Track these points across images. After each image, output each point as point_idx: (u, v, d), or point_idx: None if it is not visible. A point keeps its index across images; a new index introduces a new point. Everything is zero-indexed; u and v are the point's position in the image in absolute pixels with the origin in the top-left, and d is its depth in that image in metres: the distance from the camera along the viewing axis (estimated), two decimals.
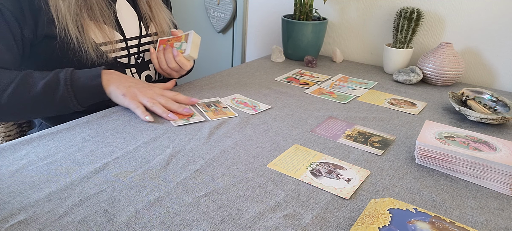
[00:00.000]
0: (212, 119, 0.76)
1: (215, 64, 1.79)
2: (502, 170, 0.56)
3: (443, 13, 1.12)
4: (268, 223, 0.47)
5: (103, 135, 0.67)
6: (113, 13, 0.82)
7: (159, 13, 0.93)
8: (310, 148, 0.67)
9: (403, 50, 1.11)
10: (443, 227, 0.43)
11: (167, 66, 0.87)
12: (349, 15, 1.29)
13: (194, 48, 0.85)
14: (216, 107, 0.81)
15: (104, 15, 0.80)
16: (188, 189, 0.53)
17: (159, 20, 0.93)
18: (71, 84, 0.71)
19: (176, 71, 0.88)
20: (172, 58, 0.85)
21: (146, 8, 0.90)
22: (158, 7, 0.93)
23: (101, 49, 0.79)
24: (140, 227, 0.46)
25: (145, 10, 0.90)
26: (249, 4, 1.54)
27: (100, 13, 0.79)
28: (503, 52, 1.06)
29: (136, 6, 0.89)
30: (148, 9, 0.91)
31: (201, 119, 0.75)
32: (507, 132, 0.78)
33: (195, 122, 0.74)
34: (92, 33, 0.78)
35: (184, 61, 0.86)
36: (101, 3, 0.80)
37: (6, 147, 0.62)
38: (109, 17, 0.81)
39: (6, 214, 0.47)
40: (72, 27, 0.75)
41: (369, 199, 0.53)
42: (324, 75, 1.11)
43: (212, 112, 0.78)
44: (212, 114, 0.78)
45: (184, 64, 0.86)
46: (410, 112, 0.85)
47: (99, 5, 0.79)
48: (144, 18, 0.90)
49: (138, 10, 0.89)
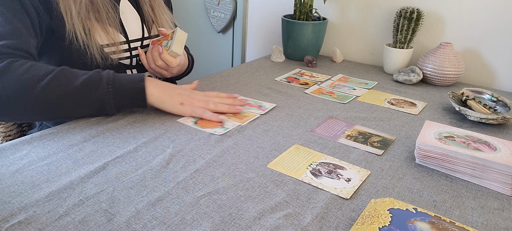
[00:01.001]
0: (243, 123, 0.75)
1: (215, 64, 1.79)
2: (502, 170, 0.56)
3: (443, 13, 1.12)
4: (268, 223, 0.47)
5: (103, 135, 0.67)
6: (117, 16, 0.83)
7: (161, 16, 0.93)
8: (310, 148, 0.67)
9: (403, 50, 1.11)
10: (443, 227, 0.43)
11: (155, 64, 0.87)
12: (349, 15, 1.29)
13: (177, 44, 0.85)
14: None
15: (109, 18, 0.80)
16: (188, 189, 0.53)
17: (162, 22, 0.93)
18: (113, 84, 0.70)
19: (164, 70, 0.88)
20: (158, 56, 0.85)
21: (149, 10, 0.91)
22: (161, 9, 0.93)
23: (106, 51, 0.79)
24: (140, 227, 0.46)
25: (148, 12, 0.90)
26: (249, 4, 1.54)
27: (107, 16, 0.80)
28: (503, 52, 1.06)
29: (139, 8, 0.89)
30: (150, 11, 0.91)
31: (235, 124, 0.75)
32: (507, 132, 0.78)
33: (231, 128, 0.73)
34: (97, 36, 0.78)
35: (169, 58, 0.85)
36: (107, 5, 0.80)
37: (6, 147, 0.62)
38: (114, 20, 0.81)
39: (6, 214, 0.47)
40: (80, 29, 0.75)
41: (369, 199, 0.53)
42: (324, 75, 1.11)
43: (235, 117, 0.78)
44: (238, 118, 0.77)
45: (169, 61, 0.85)
46: (410, 112, 0.86)
47: (105, 7, 0.80)
48: (147, 20, 0.90)
49: (141, 12, 0.90)
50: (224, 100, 0.81)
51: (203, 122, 0.74)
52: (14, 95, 0.63)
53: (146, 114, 0.76)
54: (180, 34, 0.86)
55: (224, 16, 1.63)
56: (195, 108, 0.76)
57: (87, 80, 0.68)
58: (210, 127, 0.72)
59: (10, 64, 0.64)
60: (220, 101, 0.80)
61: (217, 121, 0.75)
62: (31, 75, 0.64)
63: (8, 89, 0.63)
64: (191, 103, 0.77)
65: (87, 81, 0.68)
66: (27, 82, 0.64)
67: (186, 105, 0.76)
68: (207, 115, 0.75)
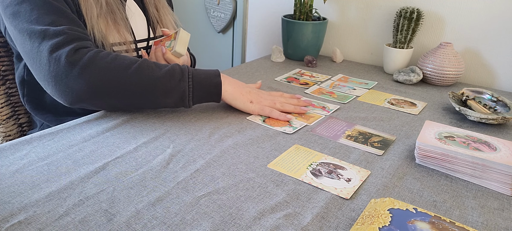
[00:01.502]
0: (311, 124, 0.76)
1: (215, 64, 1.79)
2: (502, 170, 0.56)
3: (443, 13, 1.12)
4: (268, 223, 0.47)
5: (103, 135, 0.67)
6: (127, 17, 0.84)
7: (166, 16, 0.94)
8: (310, 148, 0.67)
9: (403, 50, 1.11)
10: (443, 227, 0.43)
11: None
12: (349, 15, 1.29)
13: (181, 45, 0.85)
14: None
15: (122, 19, 0.81)
16: (188, 189, 0.53)
17: (166, 22, 0.94)
18: (192, 78, 0.72)
19: None
20: (161, 57, 0.85)
21: (154, 10, 0.91)
22: (165, 10, 0.94)
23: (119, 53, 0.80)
24: (140, 227, 0.46)
25: (153, 13, 0.91)
26: (249, 4, 1.54)
27: (121, 17, 0.81)
28: (503, 52, 1.06)
29: (144, 8, 0.90)
30: (156, 12, 0.92)
31: (303, 124, 0.76)
32: (507, 132, 0.78)
33: (299, 127, 0.74)
34: (111, 37, 0.79)
35: (172, 58, 0.86)
36: (119, 6, 0.81)
37: (6, 147, 0.62)
38: (125, 21, 0.82)
39: (6, 214, 0.47)
40: (98, 30, 0.76)
41: (369, 199, 0.53)
42: (324, 75, 1.11)
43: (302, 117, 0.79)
44: (305, 119, 0.79)
45: (173, 62, 0.86)
46: (410, 112, 0.86)
47: (118, 8, 0.80)
48: (152, 20, 0.91)
49: (146, 12, 0.90)
50: (289, 101, 0.83)
51: (271, 121, 0.77)
52: (107, 80, 0.67)
53: (146, 115, 0.76)
54: (183, 34, 0.86)
55: (224, 16, 1.63)
56: (263, 107, 0.78)
57: (171, 72, 0.71)
58: (278, 126, 0.74)
59: (99, 53, 0.67)
60: (285, 101, 0.82)
61: (284, 120, 0.77)
62: (119, 63, 0.68)
63: (102, 76, 0.66)
64: (260, 102, 0.79)
65: (170, 73, 0.71)
66: (117, 69, 0.67)
67: (255, 104, 0.79)
68: (275, 114, 0.77)
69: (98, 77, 0.66)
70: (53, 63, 0.65)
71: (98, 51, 0.68)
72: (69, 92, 0.66)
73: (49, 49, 0.65)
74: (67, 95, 0.66)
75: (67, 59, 0.64)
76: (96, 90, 0.67)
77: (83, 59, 0.65)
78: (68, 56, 0.64)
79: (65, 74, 0.65)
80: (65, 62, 0.64)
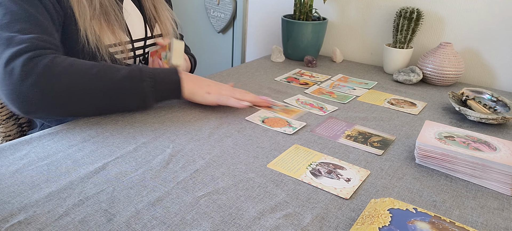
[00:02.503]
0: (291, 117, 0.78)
1: (215, 64, 1.79)
2: (502, 170, 0.56)
3: (443, 13, 1.12)
4: (268, 223, 0.47)
5: (103, 135, 0.67)
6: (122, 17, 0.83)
7: (163, 14, 0.93)
8: (310, 148, 0.67)
9: (403, 50, 1.11)
10: (443, 227, 0.43)
11: None
12: (349, 15, 1.29)
13: (176, 56, 0.87)
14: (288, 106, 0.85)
15: (117, 20, 0.81)
16: (188, 189, 0.53)
17: (164, 20, 0.93)
18: (153, 78, 0.72)
19: None
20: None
21: (151, 8, 0.91)
22: (162, 6, 0.93)
23: (112, 52, 0.80)
24: (140, 227, 0.46)
25: (151, 11, 0.91)
26: (249, 4, 1.54)
27: (115, 18, 0.80)
28: (503, 52, 1.06)
29: (141, 7, 0.89)
30: (153, 10, 0.91)
31: (302, 124, 0.76)
32: (507, 132, 0.78)
33: (300, 127, 0.74)
34: (106, 38, 0.78)
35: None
36: (114, 7, 0.81)
37: (6, 147, 0.62)
38: (121, 21, 0.82)
39: (6, 214, 0.47)
40: (92, 32, 0.75)
41: (369, 199, 0.53)
42: (324, 75, 1.11)
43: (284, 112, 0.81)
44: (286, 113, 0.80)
45: None
46: (410, 112, 0.85)
47: (113, 9, 0.80)
48: (149, 19, 0.91)
49: (143, 11, 0.90)
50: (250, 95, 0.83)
51: (270, 121, 0.76)
52: (65, 87, 0.65)
53: (146, 115, 0.76)
54: (177, 45, 0.86)
55: (224, 16, 1.63)
56: (220, 96, 0.78)
57: (130, 74, 0.70)
58: (278, 126, 0.74)
59: (55, 59, 0.65)
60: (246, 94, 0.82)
61: (240, 107, 0.77)
62: (77, 68, 0.66)
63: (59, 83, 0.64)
64: (218, 92, 0.79)
65: (130, 75, 0.70)
66: (75, 74, 0.65)
67: (213, 94, 0.78)
68: (232, 102, 0.77)
69: (55, 84, 0.63)
70: (8, 74, 0.62)
71: (55, 57, 0.65)
72: (24, 101, 0.63)
73: (7, 58, 0.62)
74: (22, 105, 0.63)
75: (22, 68, 0.62)
76: (54, 98, 0.64)
77: (37, 67, 0.62)
78: (24, 66, 0.62)
79: (19, 84, 0.62)
80: (20, 72, 0.62)
